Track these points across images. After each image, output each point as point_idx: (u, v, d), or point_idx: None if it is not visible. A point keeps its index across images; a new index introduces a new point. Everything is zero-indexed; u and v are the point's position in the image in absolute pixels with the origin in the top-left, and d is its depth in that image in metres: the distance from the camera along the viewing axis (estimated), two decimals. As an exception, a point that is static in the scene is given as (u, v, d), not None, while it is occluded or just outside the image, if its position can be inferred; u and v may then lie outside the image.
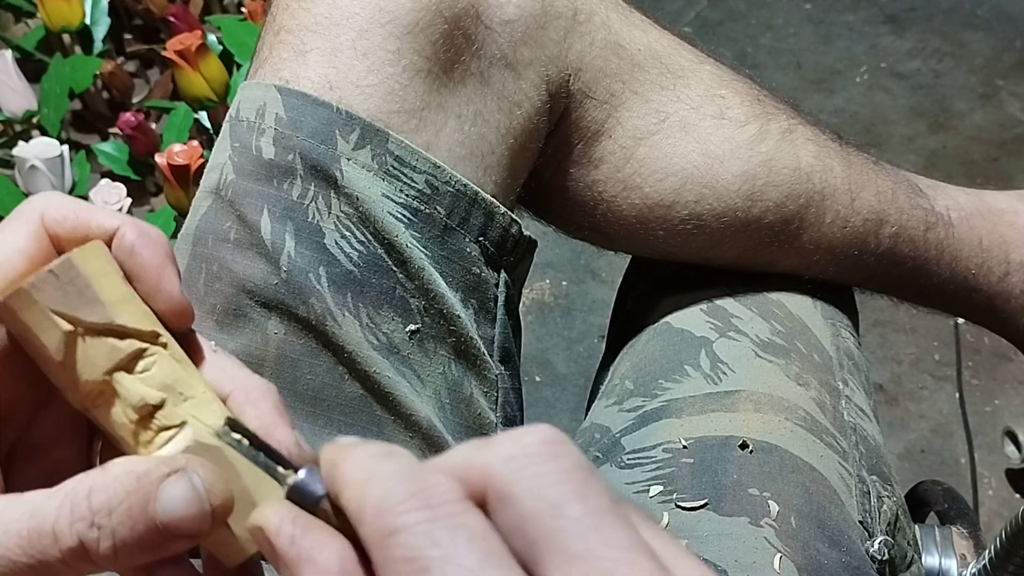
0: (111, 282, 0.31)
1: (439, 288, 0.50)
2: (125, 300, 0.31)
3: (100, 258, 0.31)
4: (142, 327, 0.31)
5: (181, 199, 1.26)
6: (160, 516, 0.27)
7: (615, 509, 0.24)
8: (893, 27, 1.87)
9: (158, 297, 0.32)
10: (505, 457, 0.25)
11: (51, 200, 0.32)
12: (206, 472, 0.28)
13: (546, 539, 0.23)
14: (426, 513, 0.24)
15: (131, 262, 0.32)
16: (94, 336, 0.31)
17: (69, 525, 0.27)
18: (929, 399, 1.36)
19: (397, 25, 0.49)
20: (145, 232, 0.32)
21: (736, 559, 0.50)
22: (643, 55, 0.57)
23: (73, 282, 0.30)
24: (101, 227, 0.32)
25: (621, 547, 0.23)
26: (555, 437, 0.25)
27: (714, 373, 0.58)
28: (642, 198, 0.58)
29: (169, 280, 0.32)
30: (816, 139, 0.61)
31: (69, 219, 0.32)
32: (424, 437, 0.49)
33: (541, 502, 0.24)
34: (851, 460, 0.57)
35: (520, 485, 0.24)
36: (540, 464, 0.24)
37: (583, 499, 0.23)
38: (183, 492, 0.28)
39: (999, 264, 0.65)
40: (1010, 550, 0.62)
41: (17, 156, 1.30)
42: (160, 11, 1.51)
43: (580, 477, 0.24)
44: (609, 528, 0.23)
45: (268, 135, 0.48)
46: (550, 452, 0.24)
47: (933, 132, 1.68)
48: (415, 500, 0.24)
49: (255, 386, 0.33)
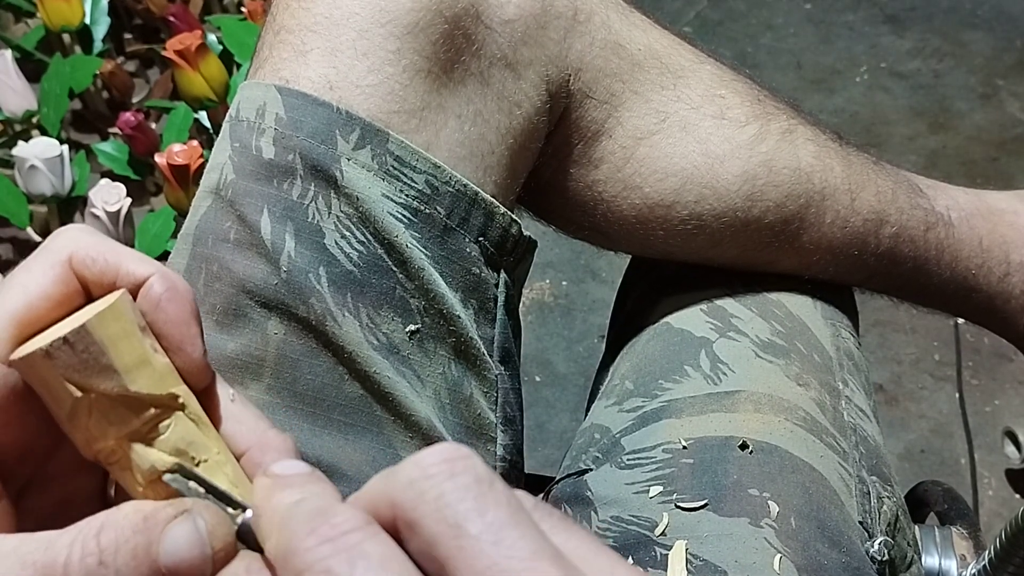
0: (129, 345, 0.30)
1: (439, 288, 0.50)
2: (142, 364, 0.31)
3: (120, 319, 0.30)
4: (158, 391, 0.31)
5: (181, 199, 1.26)
6: (162, 558, 0.28)
7: (516, 519, 0.24)
8: (893, 27, 1.87)
9: (179, 356, 0.32)
10: (407, 483, 0.25)
11: (80, 239, 0.32)
12: (210, 515, 0.28)
13: (452, 560, 0.24)
14: (326, 548, 0.24)
15: (155, 316, 0.32)
16: (107, 402, 0.30)
17: (79, 560, 0.28)
18: (929, 399, 1.36)
19: (397, 25, 0.49)
20: (173, 286, 0.32)
21: (736, 560, 0.50)
22: (643, 55, 0.57)
23: (88, 350, 0.30)
24: (130, 275, 0.32)
25: (523, 556, 0.23)
26: (454, 454, 0.25)
27: (714, 373, 0.58)
28: (642, 198, 0.58)
29: (191, 342, 0.32)
30: (816, 139, 0.61)
31: (99, 263, 0.32)
32: (424, 437, 0.49)
33: (442, 524, 0.24)
34: (851, 460, 0.57)
35: (421, 509, 0.24)
36: (439, 484, 0.25)
37: (481, 515, 0.24)
38: (186, 534, 0.28)
39: (999, 264, 0.65)
40: (1010, 550, 0.62)
41: (17, 156, 1.30)
42: (160, 11, 1.51)
43: (478, 492, 0.24)
44: (510, 539, 0.24)
45: (268, 135, 0.48)
46: (449, 471, 0.25)
47: (933, 132, 1.68)
48: (315, 536, 0.24)
49: (272, 443, 0.33)
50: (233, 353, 0.47)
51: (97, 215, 1.26)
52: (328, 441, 0.48)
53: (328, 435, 0.48)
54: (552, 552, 0.24)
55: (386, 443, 0.49)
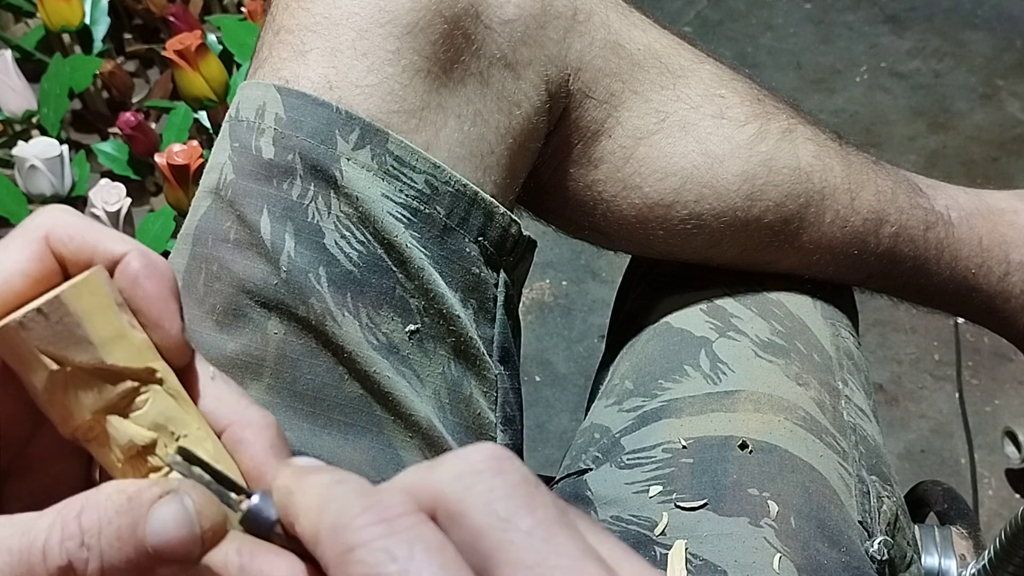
0: (105, 318, 0.30)
1: (439, 288, 0.50)
2: (119, 337, 0.30)
3: (96, 292, 0.30)
4: (136, 365, 0.30)
5: (181, 199, 1.26)
6: (149, 539, 0.27)
7: (563, 520, 0.24)
8: (893, 27, 1.87)
9: (157, 333, 0.31)
10: (453, 476, 0.25)
11: (58, 218, 0.32)
12: (198, 495, 0.28)
13: (499, 552, 0.24)
14: (382, 527, 0.24)
15: (133, 292, 0.31)
16: (83, 375, 0.30)
17: (59, 543, 0.27)
18: (929, 399, 1.36)
19: (397, 25, 0.49)
20: (151, 263, 0.32)
21: (736, 559, 0.50)
22: (643, 55, 0.57)
23: (63, 321, 0.29)
24: (107, 252, 0.31)
25: (571, 556, 0.23)
26: (501, 454, 0.25)
27: (714, 373, 0.58)
28: (642, 198, 0.58)
29: (170, 318, 0.31)
30: (816, 139, 0.61)
31: (76, 240, 0.31)
32: (424, 437, 0.49)
33: (491, 516, 0.24)
34: (851, 460, 0.57)
35: (469, 502, 0.24)
36: (487, 480, 0.25)
37: (531, 512, 0.24)
38: (174, 514, 0.27)
39: (999, 264, 0.65)
40: (1010, 550, 0.62)
41: (17, 156, 1.30)
42: (160, 11, 1.51)
43: (527, 491, 0.25)
44: (559, 538, 0.24)
45: (268, 135, 0.48)
46: (497, 468, 0.25)
47: (933, 132, 1.68)
48: (370, 515, 0.24)
49: (253, 420, 0.32)
50: (233, 353, 0.47)
51: (97, 215, 1.26)
52: (328, 441, 0.48)
53: (328, 435, 0.48)
54: (596, 555, 0.24)
55: (386, 443, 0.49)
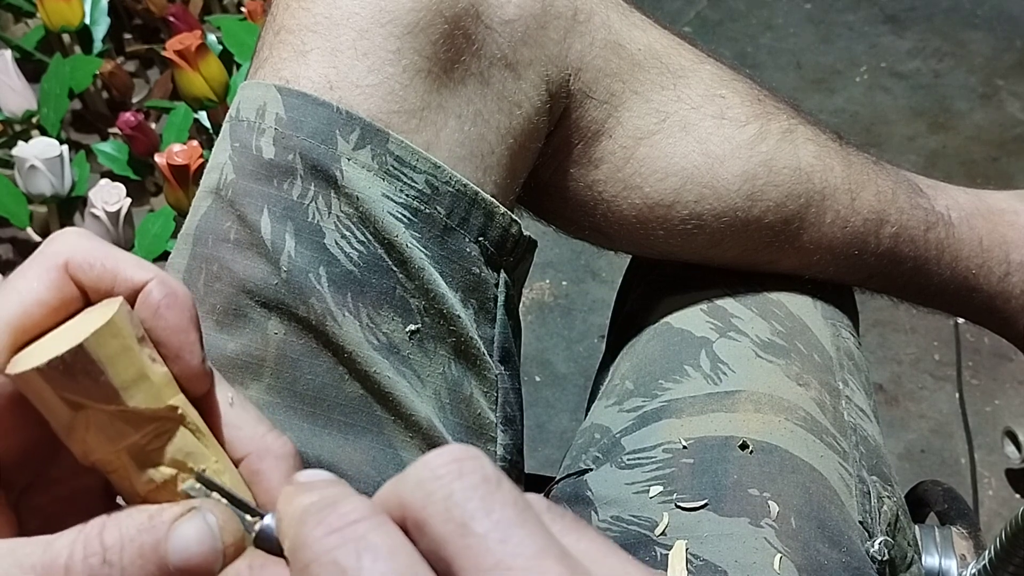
0: (127, 361, 0.30)
1: (439, 288, 0.50)
2: (140, 379, 0.30)
3: (119, 335, 0.30)
4: (157, 405, 0.30)
5: (181, 199, 1.26)
6: (171, 556, 0.27)
7: (522, 518, 0.24)
8: (893, 27, 1.87)
9: (178, 364, 0.32)
10: (415, 483, 0.25)
11: (76, 244, 0.32)
12: (220, 511, 0.28)
13: (459, 558, 0.24)
14: (333, 538, 0.24)
15: (155, 323, 0.31)
16: (105, 417, 0.30)
17: (82, 560, 0.27)
18: (929, 399, 1.36)
19: (397, 25, 0.49)
20: (172, 291, 0.32)
21: (736, 559, 0.50)
22: (643, 55, 0.57)
23: (86, 369, 0.29)
24: (128, 281, 0.31)
25: (528, 555, 0.23)
26: (462, 454, 0.26)
27: (714, 373, 0.58)
28: (642, 198, 0.58)
29: (190, 350, 0.32)
30: (816, 139, 0.61)
31: (96, 268, 0.31)
32: (424, 437, 0.49)
33: (449, 523, 0.24)
34: (851, 460, 0.57)
35: (429, 509, 0.25)
36: (448, 484, 0.25)
37: (488, 514, 0.24)
38: (196, 531, 0.28)
39: (999, 264, 0.65)
40: (1010, 550, 0.62)
41: (17, 156, 1.30)
42: (160, 11, 1.51)
43: (485, 492, 0.25)
44: (516, 538, 0.24)
45: (268, 135, 0.48)
46: (457, 471, 0.25)
47: (933, 132, 1.68)
48: (322, 528, 0.25)
49: (271, 448, 0.32)
50: (233, 353, 0.47)
51: (97, 215, 1.26)
52: (328, 441, 0.48)
53: (328, 435, 0.48)
54: (558, 551, 0.24)
55: (386, 443, 0.49)
